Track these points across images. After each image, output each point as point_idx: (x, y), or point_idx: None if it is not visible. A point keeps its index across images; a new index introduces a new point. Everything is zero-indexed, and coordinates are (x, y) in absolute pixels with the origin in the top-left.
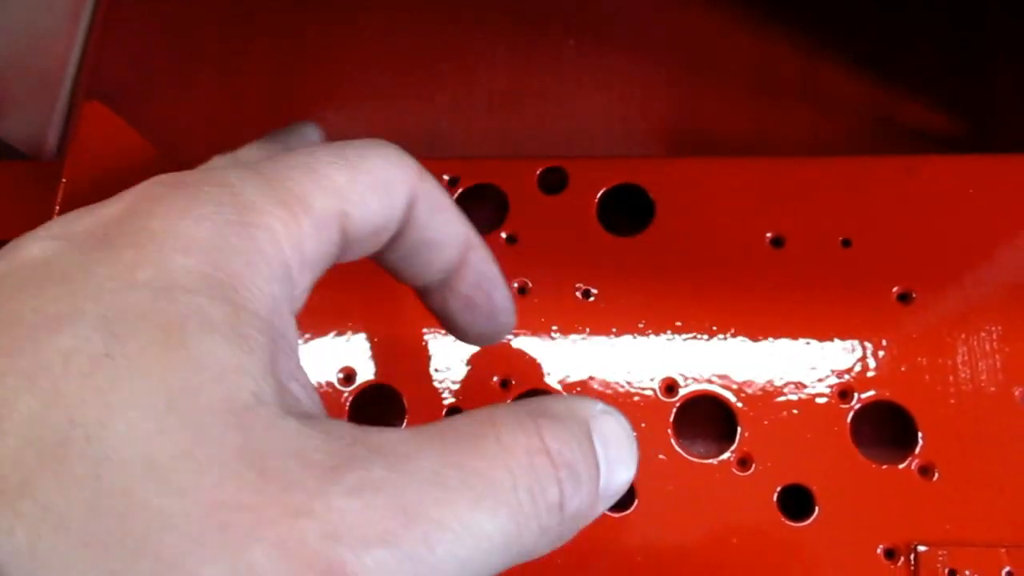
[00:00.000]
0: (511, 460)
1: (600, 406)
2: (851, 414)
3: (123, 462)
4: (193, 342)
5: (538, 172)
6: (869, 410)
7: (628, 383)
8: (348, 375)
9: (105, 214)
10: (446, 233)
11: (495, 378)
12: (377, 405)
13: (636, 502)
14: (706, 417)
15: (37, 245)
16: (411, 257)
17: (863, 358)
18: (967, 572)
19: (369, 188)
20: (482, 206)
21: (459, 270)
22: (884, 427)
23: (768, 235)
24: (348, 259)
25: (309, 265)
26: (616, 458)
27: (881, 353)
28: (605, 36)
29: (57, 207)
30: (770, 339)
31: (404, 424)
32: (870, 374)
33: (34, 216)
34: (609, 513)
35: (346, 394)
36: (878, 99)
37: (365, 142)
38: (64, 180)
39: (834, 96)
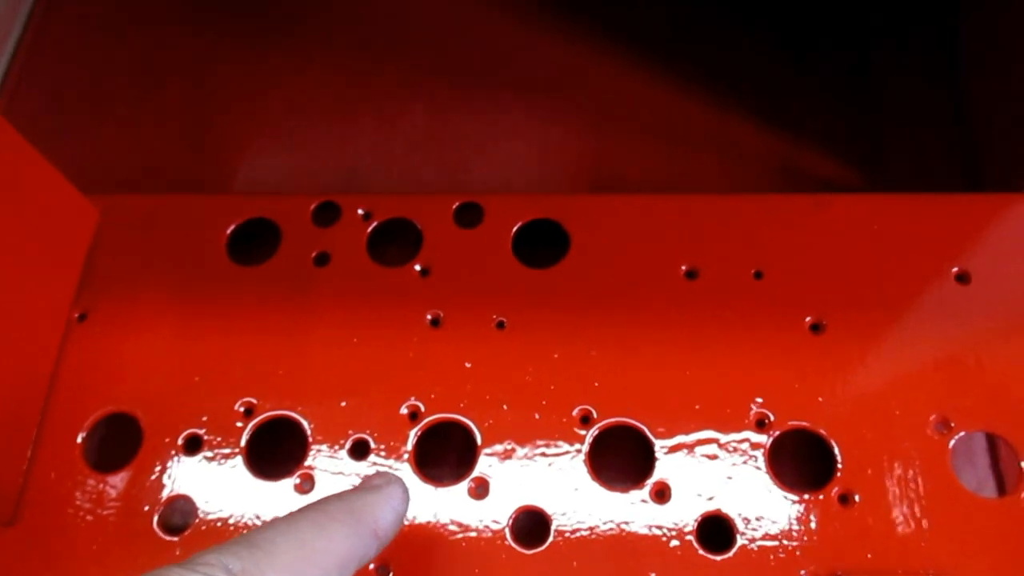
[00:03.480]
0: None
1: None
2: (768, 443)
3: None
4: None
5: (454, 207)
6: (787, 439)
7: (542, 414)
8: (248, 408)
9: None
10: None
11: (403, 410)
12: (278, 437)
13: (551, 537)
14: (622, 448)
15: None
16: None
17: (778, 388)
18: None
19: None
20: (395, 242)
21: None
22: (803, 456)
23: (682, 268)
24: None
25: None
26: None
27: (796, 383)
28: (521, 85)
29: None
30: (686, 370)
31: (307, 457)
32: (786, 403)
33: None
34: (522, 550)
35: (247, 428)
36: (780, 148)
37: None
38: None
39: (740, 144)
